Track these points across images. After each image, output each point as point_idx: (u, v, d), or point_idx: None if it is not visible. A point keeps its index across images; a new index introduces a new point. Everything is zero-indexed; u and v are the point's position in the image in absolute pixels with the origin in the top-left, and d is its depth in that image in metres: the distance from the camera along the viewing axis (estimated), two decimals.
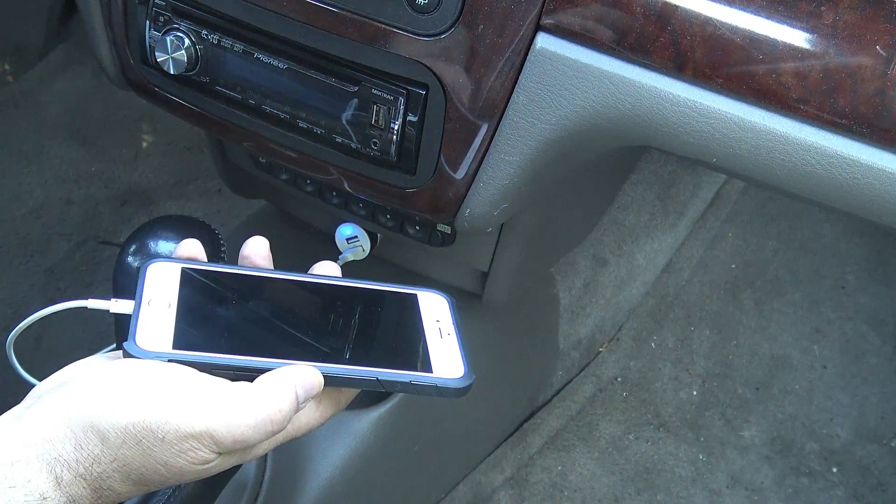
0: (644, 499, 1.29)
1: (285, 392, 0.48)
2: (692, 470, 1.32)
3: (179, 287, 0.53)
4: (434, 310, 0.59)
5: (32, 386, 0.49)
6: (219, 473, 0.53)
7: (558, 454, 1.32)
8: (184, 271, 0.54)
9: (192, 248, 0.57)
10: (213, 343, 0.50)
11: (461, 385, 0.53)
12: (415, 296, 0.59)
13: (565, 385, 1.41)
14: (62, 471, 0.43)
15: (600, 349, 1.45)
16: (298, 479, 0.94)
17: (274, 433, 0.48)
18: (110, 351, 0.55)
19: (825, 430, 1.37)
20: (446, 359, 0.55)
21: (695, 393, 1.41)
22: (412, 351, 0.55)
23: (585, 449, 1.33)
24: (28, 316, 0.52)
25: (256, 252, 0.58)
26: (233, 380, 0.48)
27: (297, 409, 0.49)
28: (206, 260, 0.57)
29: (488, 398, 1.22)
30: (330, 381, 0.51)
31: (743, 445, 1.35)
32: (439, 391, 0.53)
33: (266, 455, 0.90)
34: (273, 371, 0.49)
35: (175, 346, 0.49)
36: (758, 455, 1.34)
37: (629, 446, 1.34)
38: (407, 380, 0.52)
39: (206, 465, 0.47)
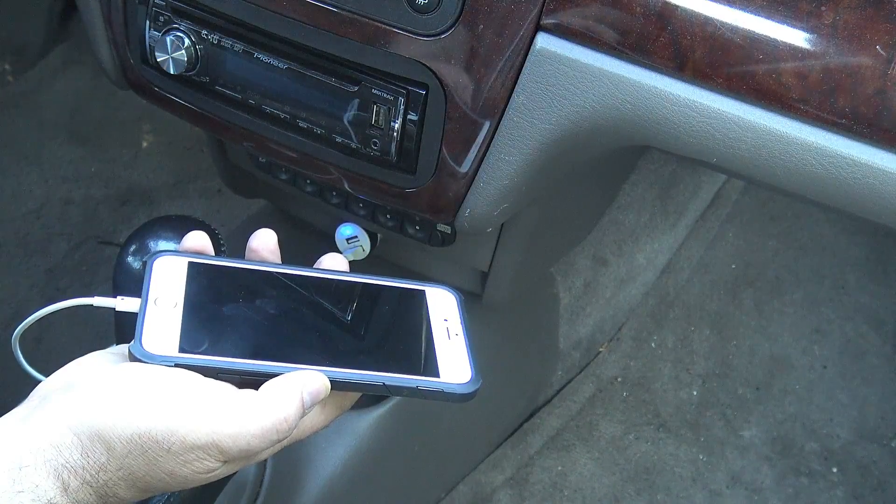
0: (644, 499, 1.29)
1: (292, 399, 0.47)
2: (692, 470, 1.32)
3: (186, 284, 0.52)
4: (442, 308, 0.58)
5: (37, 382, 0.49)
6: None
7: (558, 454, 1.32)
8: (190, 267, 0.53)
9: (199, 241, 0.56)
10: (219, 346, 0.50)
11: (467, 391, 0.53)
12: (423, 292, 0.59)
13: (565, 385, 1.41)
14: (69, 477, 0.43)
15: (600, 349, 1.45)
16: (298, 479, 0.94)
17: (279, 441, 0.48)
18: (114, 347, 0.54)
19: (825, 430, 1.37)
20: (453, 362, 0.54)
21: (695, 393, 1.41)
22: (419, 354, 0.55)
23: (585, 449, 1.33)
24: (33, 313, 0.51)
25: (264, 245, 0.57)
26: (239, 384, 0.48)
27: (303, 415, 0.48)
28: (213, 252, 0.56)
29: (488, 398, 1.22)
30: (336, 385, 0.50)
31: (743, 445, 1.35)
32: (445, 396, 0.52)
33: None
34: (279, 377, 0.48)
35: (181, 350, 0.48)
36: (758, 455, 1.34)
37: (629, 446, 1.34)
38: (414, 385, 0.52)
39: (211, 473, 0.47)
